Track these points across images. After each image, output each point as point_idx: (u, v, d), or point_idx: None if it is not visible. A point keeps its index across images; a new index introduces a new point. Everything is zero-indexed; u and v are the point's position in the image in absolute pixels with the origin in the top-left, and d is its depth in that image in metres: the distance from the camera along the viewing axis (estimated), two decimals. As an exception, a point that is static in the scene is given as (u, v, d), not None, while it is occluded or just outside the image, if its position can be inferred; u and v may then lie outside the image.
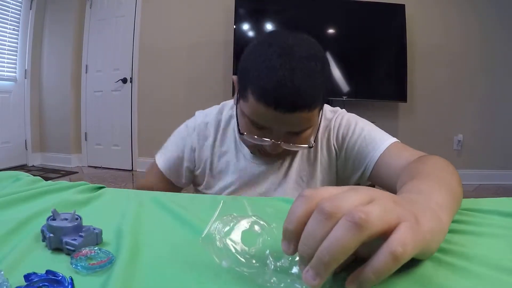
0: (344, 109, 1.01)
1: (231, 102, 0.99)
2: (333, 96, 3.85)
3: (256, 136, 0.78)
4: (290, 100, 0.70)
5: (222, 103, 1.02)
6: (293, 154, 0.92)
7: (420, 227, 0.37)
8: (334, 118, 0.95)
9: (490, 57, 4.12)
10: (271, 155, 0.83)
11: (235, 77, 0.84)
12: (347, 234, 0.31)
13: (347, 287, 0.34)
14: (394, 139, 0.88)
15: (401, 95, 3.94)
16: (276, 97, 0.70)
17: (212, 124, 0.96)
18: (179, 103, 4.30)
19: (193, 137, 0.96)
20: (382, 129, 0.94)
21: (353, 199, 0.34)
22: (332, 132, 0.93)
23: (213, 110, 0.99)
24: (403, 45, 3.88)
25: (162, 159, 0.99)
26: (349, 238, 0.31)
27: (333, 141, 0.93)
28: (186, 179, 1.00)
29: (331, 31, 3.96)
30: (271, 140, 0.77)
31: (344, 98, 3.86)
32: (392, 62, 3.98)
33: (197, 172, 0.98)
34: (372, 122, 0.96)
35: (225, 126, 0.96)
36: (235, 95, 0.85)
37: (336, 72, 3.86)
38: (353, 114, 0.98)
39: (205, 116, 0.98)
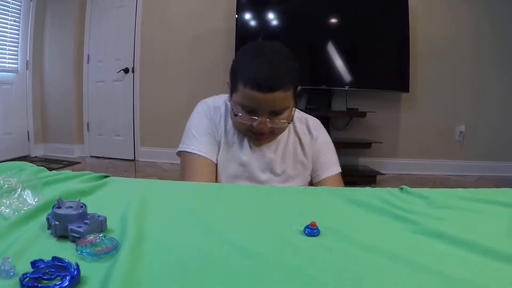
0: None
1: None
2: (335, 85, 3.84)
3: (246, 116, 0.98)
4: (268, 83, 0.93)
5: (223, 94, 1.16)
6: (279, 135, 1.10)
7: None
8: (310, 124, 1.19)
9: (493, 47, 4.09)
10: (260, 136, 1.02)
11: (228, 80, 1.05)
12: None
13: None
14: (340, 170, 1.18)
15: (403, 85, 3.92)
16: (258, 82, 0.93)
17: (223, 105, 1.13)
18: (181, 92, 4.29)
19: (211, 118, 1.11)
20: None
21: None
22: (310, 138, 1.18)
23: (220, 98, 1.15)
24: (406, 35, 3.85)
25: (203, 148, 1.07)
26: None
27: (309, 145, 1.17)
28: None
29: (334, 21, 3.93)
30: (258, 118, 0.97)
31: (347, 88, 3.84)
32: (394, 52, 3.95)
33: (219, 139, 1.10)
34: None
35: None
36: (229, 94, 1.05)
37: (339, 62, 3.84)
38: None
39: (215, 101, 1.14)
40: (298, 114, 1.19)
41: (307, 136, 1.17)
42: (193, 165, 1.06)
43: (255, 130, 1.00)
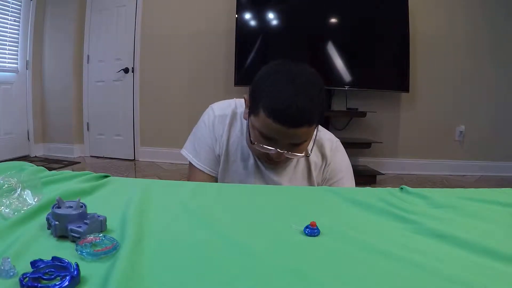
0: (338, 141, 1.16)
1: (241, 101, 1.11)
2: (335, 85, 3.83)
3: (264, 146, 0.93)
4: (294, 119, 0.86)
5: (233, 100, 1.13)
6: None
7: None
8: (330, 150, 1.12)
9: (494, 47, 4.09)
10: (275, 162, 0.98)
11: (246, 96, 0.99)
12: None
13: None
14: None
15: (403, 85, 3.92)
16: (283, 116, 0.86)
17: (229, 115, 1.09)
18: (181, 93, 4.29)
19: (214, 131, 1.08)
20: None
21: None
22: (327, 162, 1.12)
23: (229, 105, 1.12)
24: (406, 35, 3.85)
25: (202, 162, 1.10)
26: None
27: (324, 170, 1.11)
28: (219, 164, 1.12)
29: (333, 20, 3.93)
30: (276, 149, 0.91)
31: (347, 88, 3.84)
32: (394, 52, 3.94)
33: (219, 153, 1.09)
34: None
35: (240, 117, 1.09)
36: (245, 109, 1.01)
37: (339, 62, 3.84)
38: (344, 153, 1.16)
39: (222, 109, 1.11)
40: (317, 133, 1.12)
41: (319, 160, 1.11)
42: (196, 179, 1.11)
43: (271, 157, 0.96)
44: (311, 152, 1.00)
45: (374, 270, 0.44)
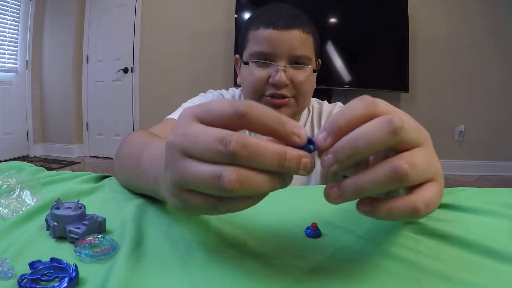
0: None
1: (238, 90, 1.07)
2: (335, 85, 3.83)
3: (262, 61, 0.86)
4: (284, 18, 0.85)
5: (230, 89, 1.10)
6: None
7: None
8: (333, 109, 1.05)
9: (493, 47, 4.09)
10: (280, 99, 0.87)
11: (236, 56, 0.96)
12: (381, 132, 0.33)
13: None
14: None
15: (403, 85, 3.92)
16: (273, 19, 0.85)
17: (231, 95, 1.05)
18: (181, 92, 4.29)
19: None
20: None
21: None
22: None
23: (225, 91, 1.08)
24: (405, 35, 3.86)
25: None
26: (381, 137, 0.32)
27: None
28: None
29: (333, 20, 3.93)
30: (275, 64, 0.84)
31: (346, 87, 3.84)
32: (394, 52, 3.95)
33: None
34: None
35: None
36: (239, 63, 0.96)
37: (338, 61, 3.84)
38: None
39: (219, 93, 1.07)
40: (327, 107, 1.03)
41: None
42: (161, 124, 0.96)
43: (274, 83, 0.85)
44: (316, 71, 0.92)
45: (376, 271, 0.43)
